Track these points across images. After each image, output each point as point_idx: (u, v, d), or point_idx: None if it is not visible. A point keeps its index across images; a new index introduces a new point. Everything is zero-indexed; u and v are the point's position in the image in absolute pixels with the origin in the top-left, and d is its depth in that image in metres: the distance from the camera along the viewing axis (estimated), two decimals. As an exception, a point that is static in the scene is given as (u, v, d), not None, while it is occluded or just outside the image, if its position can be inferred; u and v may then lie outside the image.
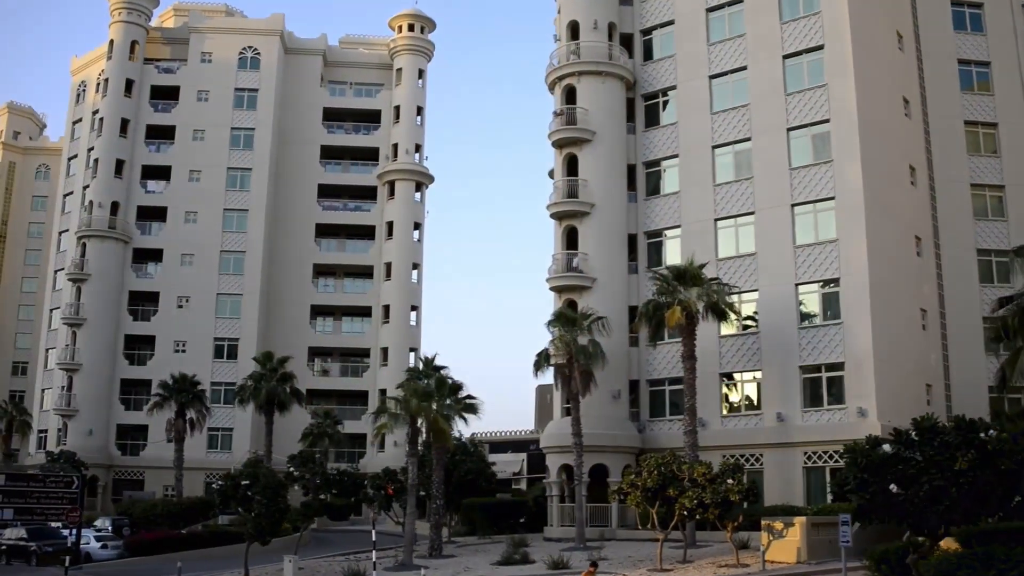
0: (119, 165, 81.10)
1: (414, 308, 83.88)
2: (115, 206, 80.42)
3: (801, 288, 43.52)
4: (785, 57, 45.92)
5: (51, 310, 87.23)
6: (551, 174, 72.67)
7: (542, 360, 42.50)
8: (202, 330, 79.23)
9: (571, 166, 48.84)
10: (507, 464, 72.35)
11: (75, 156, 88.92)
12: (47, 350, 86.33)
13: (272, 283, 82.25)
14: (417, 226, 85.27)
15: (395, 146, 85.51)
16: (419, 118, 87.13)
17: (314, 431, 69.91)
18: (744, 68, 47.05)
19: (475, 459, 50.13)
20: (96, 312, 78.14)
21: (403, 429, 39.38)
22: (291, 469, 36.91)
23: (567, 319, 42.05)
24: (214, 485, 37.90)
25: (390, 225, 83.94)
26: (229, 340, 79.57)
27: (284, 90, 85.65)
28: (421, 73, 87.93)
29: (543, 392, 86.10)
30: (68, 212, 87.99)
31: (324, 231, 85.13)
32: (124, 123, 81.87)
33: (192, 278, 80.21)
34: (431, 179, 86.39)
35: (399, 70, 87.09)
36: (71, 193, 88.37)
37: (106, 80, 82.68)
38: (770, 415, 43.08)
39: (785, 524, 34.31)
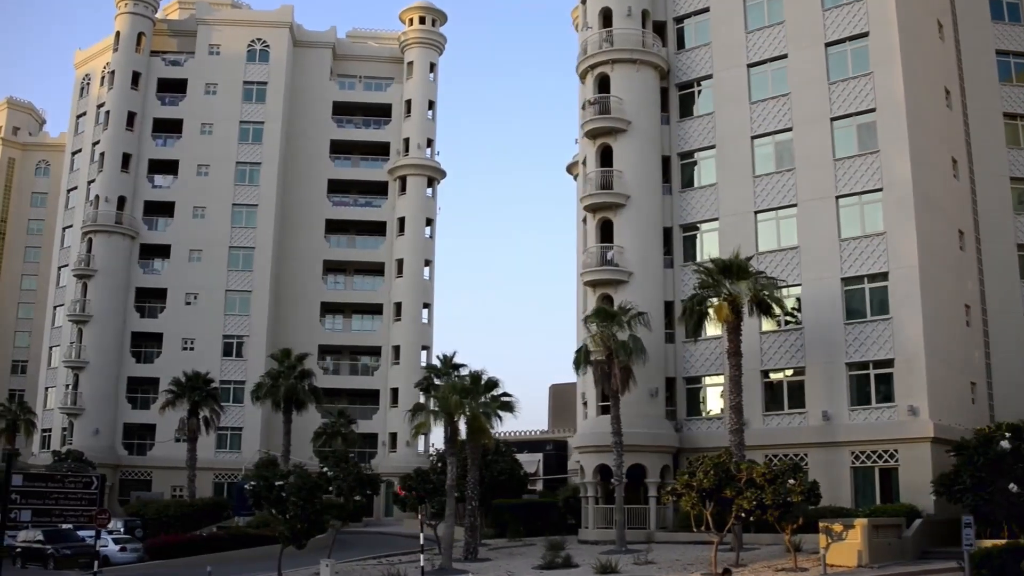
0: (126, 159, 79.36)
1: (426, 305, 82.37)
2: (122, 201, 78.69)
3: (847, 282, 42.12)
4: (828, 45, 44.52)
5: (55, 307, 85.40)
6: (569, 169, 71.78)
7: (581, 356, 41.01)
8: (211, 327, 77.57)
9: (604, 157, 47.38)
10: (524, 464, 70.83)
11: (79, 151, 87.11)
12: (51, 348, 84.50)
13: (281, 280, 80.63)
14: (429, 222, 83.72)
15: (406, 140, 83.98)
16: (430, 112, 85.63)
17: (327, 430, 68.43)
18: (784, 56, 45.65)
19: (507, 459, 48.56)
20: (102, 309, 76.39)
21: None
22: (325, 469, 35.24)
23: (606, 314, 40.59)
24: (247, 486, 36.29)
25: (401, 221, 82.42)
26: (238, 337, 77.92)
27: (293, 84, 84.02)
28: (432, 67, 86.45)
29: (558, 392, 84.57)
30: (72, 207, 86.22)
31: (334, 227, 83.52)
32: (131, 116, 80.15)
33: (200, 274, 78.52)
34: (443, 174, 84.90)
35: (410, 63, 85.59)
36: (75, 188, 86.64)
37: (112, 73, 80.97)
38: (815, 414, 41.68)
39: (844, 526, 32.95)
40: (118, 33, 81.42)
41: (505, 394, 39.65)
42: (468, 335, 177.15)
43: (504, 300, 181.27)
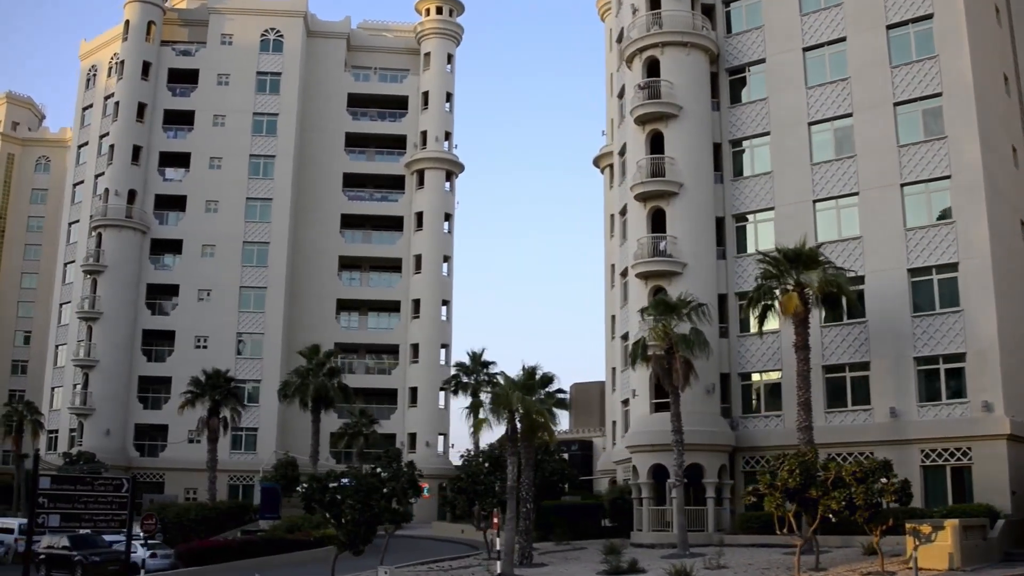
0: (136, 151, 77.24)
1: (445, 302, 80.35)
2: (132, 194, 76.51)
3: (913, 273, 40.33)
4: (889, 27, 42.71)
5: (60, 304, 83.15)
6: (596, 162, 69.86)
7: (639, 351, 39.03)
8: (224, 325, 75.44)
9: (654, 144, 45.47)
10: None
11: (85, 143, 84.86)
12: (57, 346, 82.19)
13: (296, 276, 78.51)
14: (447, 217, 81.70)
15: (424, 133, 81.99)
16: (448, 104, 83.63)
17: (348, 431, 66.39)
18: (843, 39, 43.83)
19: (556, 459, 46.57)
20: (113, 306, 74.17)
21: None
22: (377, 469, 33.20)
23: (666, 306, 38.65)
24: (299, 488, 34.18)
25: (419, 216, 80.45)
26: (253, 335, 75.74)
27: (307, 75, 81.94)
28: (450, 58, 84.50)
29: (580, 391, 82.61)
30: (79, 202, 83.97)
31: (349, 222, 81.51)
32: (141, 107, 78.00)
33: (213, 270, 76.39)
34: (461, 168, 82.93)
35: (427, 55, 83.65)
36: (81, 182, 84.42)
37: (121, 62, 78.78)
38: (881, 410, 39.87)
39: (933, 527, 31.12)
40: (127, 22, 79.29)
41: (560, 390, 37.73)
42: (484, 333, 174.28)
43: (521, 297, 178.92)
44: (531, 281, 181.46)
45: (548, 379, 37.09)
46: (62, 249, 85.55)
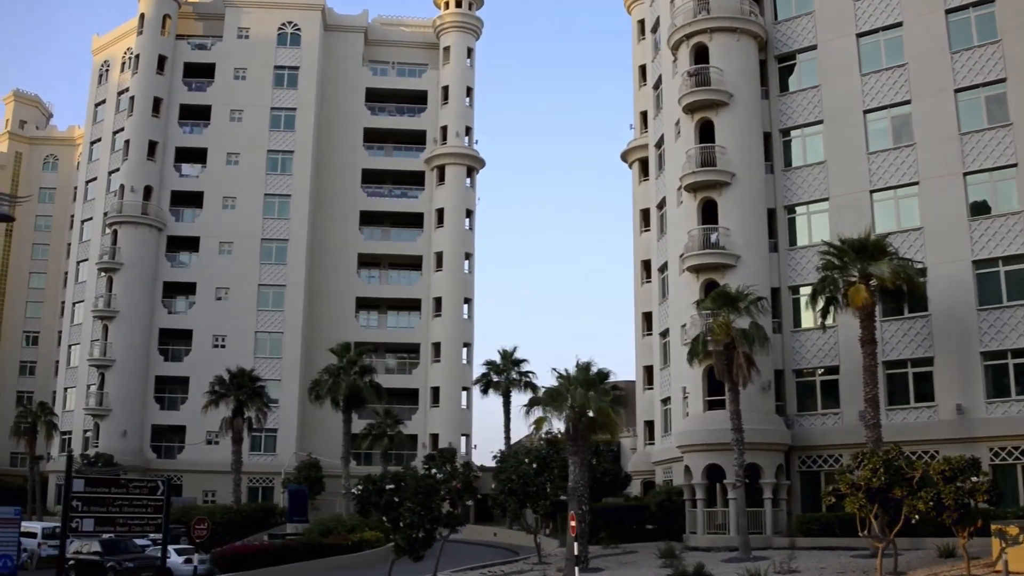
0: (151, 147, 75.60)
1: (467, 301, 78.70)
2: (148, 190, 74.90)
3: (979, 265, 38.87)
4: (948, 12, 41.31)
5: (74, 303, 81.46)
6: (624, 156, 68.28)
7: (698, 346, 37.47)
8: (243, 323, 73.81)
9: (704, 133, 43.96)
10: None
11: (98, 140, 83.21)
12: (70, 346, 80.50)
13: (314, 274, 76.89)
14: (468, 213, 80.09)
15: (444, 128, 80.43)
16: (468, 99, 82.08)
17: (373, 432, 64.80)
18: (899, 25, 42.39)
19: (609, 459, 45.01)
20: (129, 304, 72.52)
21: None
22: (432, 471, 31.70)
23: (727, 298, 37.12)
24: (354, 490, 32.56)
25: (440, 212, 78.83)
26: (272, 334, 74.09)
27: (325, 69, 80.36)
28: (470, 52, 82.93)
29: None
30: (92, 199, 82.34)
31: (367, 219, 79.86)
32: (156, 102, 76.41)
33: (231, 268, 74.76)
34: (482, 163, 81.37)
35: (446, 48, 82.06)
36: (94, 179, 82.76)
37: (136, 57, 77.16)
38: (947, 407, 38.41)
39: (1021, 529, 29.61)
40: (142, 15, 77.71)
41: (616, 387, 36.21)
42: (503, 332, 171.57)
43: (538, 295, 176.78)
44: (549, 279, 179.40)
45: (604, 375, 35.60)
46: (75, 247, 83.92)
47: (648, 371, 56.60)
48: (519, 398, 60.38)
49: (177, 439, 72.65)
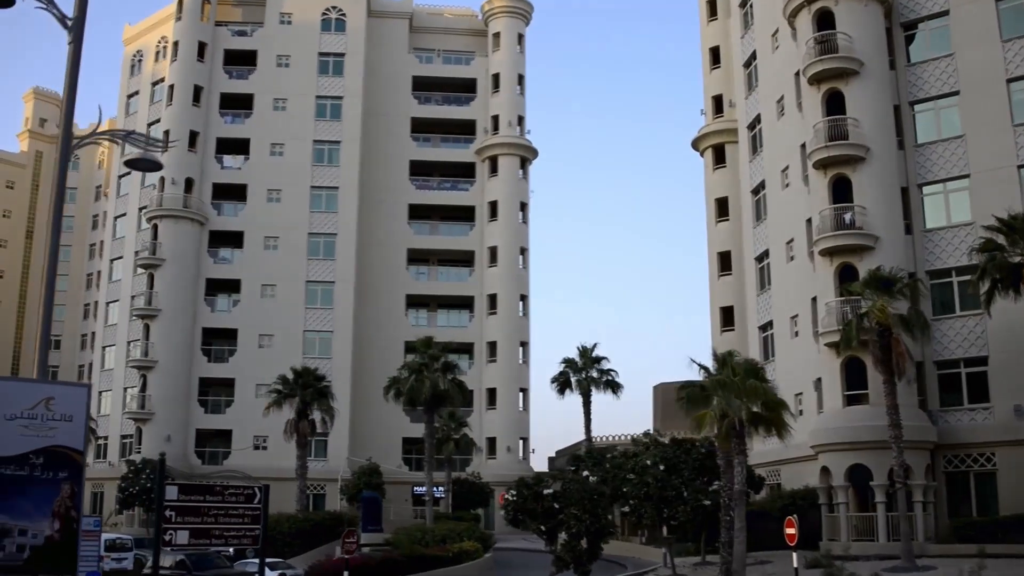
0: (192, 137, 71.91)
1: (523, 298, 75.11)
2: (189, 183, 71.23)
3: None
4: (1102, -31, 38.03)
5: (107, 304, 77.71)
6: (695, 144, 64.85)
7: (852, 333, 33.88)
8: (290, 322, 70.13)
9: (831, 105, 40.49)
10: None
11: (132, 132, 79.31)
12: (104, 348, 76.75)
13: (362, 270, 73.25)
14: (523, 206, 76.53)
15: (495, 118, 76.94)
16: (519, 87, 78.62)
17: (437, 435, 61.01)
18: (1044, -15, 39.07)
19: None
20: (171, 302, 68.83)
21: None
22: (584, 473, 28.23)
23: (882, 280, 33.62)
24: (509, 496, 28.95)
25: (493, 205, 75.28)
26: (321, 333, 70.42)
27: (370, 57, 76.80)
28: (520, 38, 79.49)
29: (666, 391, 77.72)
30: (125, 194, 78.76)
31: (416, 213, 76.25)
32: (196, 91, 72.69)
33: (277, 263, 71.13)
34: (535, 154, 77.89)
35: (496, 34, 78.62)
36: (128, 174, 78.99)
37: (175, 44, 73.56)
38: (1119, 400, 34.96)
39: None
40: (180, 1, 73.98)
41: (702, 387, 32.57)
42: (554, 331, 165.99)
43: (592, 292, 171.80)
44: (600, 274, 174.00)
45: (757, 368, 32.05)
46: (107, 245, 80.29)
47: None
48: (599, 398, 56.71)
49: (222, 443, 68.99)
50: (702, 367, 31.75)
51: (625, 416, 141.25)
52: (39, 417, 14.44)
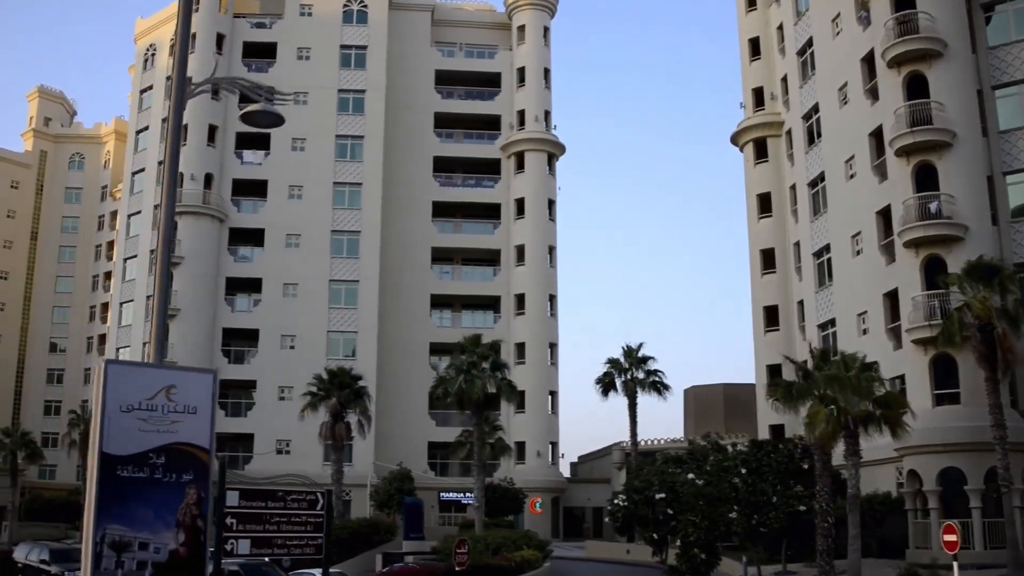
0: (211, 131, 69.51)
1: (551, 298, 72.83)
2: (208, 179, 68.86)
3: None
4: None
5: (121, 304, 75.09)
6: (734, 139, 62.77)
7: (956, 328, 31.77)
8: (313, 322, 67.80)
9: (912, 88, 38.50)
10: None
11: (145, 128, 77.04)
12: (118, 349, 74.03)
13: (386, 269, 70.90)
14: (550, 204, 74.33)
15: (521, 113, 74.79)
16: (545, 81, 76.48)
17: (468, 439, 58.71)
18: None
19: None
20: (190, 301, 66.40)
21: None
22: (690, 476, 26.07)
23: (985, 269, 31.59)
24: (616, 501, 26.72)
25: (520, 203, 73.08)
26: (346, 333, 68.05)
27: (391, 50, 74.57)
28: (546, 31, 77.38)
29: (698, 395, 75.72)
30: (139, 192, 76.12)
31: (439, 210, 74.00)
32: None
33: (299, 262, 68.78)
34: (562, 149, 75.76)
35: (521, 27, 76.51)
36: (142, 170, 76.53)
37: (192, 36, 71.03)
38: None
39: None
40: (198, -9, 71.66)
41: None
42: (582, 334, 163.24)
43: (621, 292, 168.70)
44: (614, 280, 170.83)
45: (870, 364, 29.93)
46: (120, 244, 77.70)
47: (773, 371, 51.38)
48: (645, 400, 54.46)
49: (244, 448, 66.53)
50: (796, 364, 29.62)
51: (650, 420, 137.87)
52: (159, 409, 11.92)
